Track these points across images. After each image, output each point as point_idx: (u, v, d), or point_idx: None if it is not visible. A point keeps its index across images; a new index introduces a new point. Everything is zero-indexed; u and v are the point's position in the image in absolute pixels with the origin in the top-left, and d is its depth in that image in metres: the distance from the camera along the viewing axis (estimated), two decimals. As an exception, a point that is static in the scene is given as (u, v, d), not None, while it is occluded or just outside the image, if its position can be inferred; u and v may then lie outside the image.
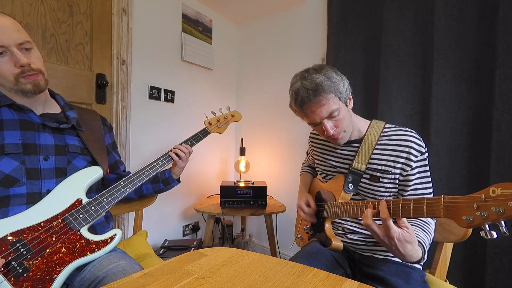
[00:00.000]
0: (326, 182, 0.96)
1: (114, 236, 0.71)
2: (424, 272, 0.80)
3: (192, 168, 1.82)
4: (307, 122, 0.82)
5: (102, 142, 0.88)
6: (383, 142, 0.81)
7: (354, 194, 0.86)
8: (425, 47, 1.25)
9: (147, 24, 1.53)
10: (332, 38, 1.57)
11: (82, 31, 1.28)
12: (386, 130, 0.83)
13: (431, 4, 1.21)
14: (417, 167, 0.78)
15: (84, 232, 0.69)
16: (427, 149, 0.80)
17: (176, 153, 0.98)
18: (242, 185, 1.60)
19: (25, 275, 0.59)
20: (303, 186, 1.08)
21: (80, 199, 0.72)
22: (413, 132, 0.80)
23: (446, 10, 1.19)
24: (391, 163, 0.79)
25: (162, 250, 1.47)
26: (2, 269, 0.57)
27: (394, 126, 0.84)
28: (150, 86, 1.55)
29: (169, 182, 1.01)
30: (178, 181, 1.04)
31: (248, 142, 2.05)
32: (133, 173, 0.85)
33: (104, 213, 0.74)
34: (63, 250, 0.64)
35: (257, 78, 2.08)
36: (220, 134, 1.14)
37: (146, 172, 0.87)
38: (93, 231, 0.73)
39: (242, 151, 1.86)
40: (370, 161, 0.82)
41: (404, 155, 0.77)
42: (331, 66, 0.80)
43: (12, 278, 0.57)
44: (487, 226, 0.48)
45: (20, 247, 0.60)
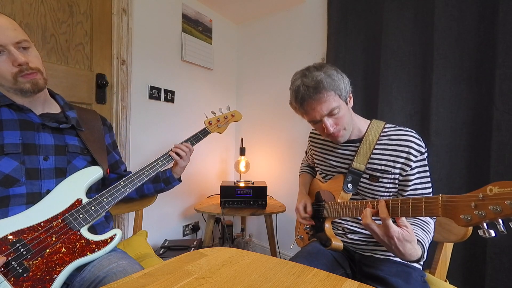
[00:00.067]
0: (326, 182, 0.96)
1: (114, 236, 0.71)
2: (424, 272, 0.80)
3: (192, 168, 1.82)
4: (307, 119, 0.82)
5: (102, 142, 0.88)
6: (383, 142, 0.81)
7: (353, 194, 0.86)
8: (425, 47, 1.25)
9: (147, 24, 1.53)
10: (332, 38, 1.57)
11: (82, 31, 1.28)
12: (386, 130, 0.83)
13: (431, 4, 1.21)
14: (416, 167, 0.77)
15: (84, 232, 0.69)
16: (427, 149, 0.80)
17: (176, 152, 0.98)
18: (242, 185, 1.60)
19: (25, 275, 0.59)
20: (303, 187, 1.08)
21: (80, 199, 0.72)
22: (412, 132, 0.80)
23: (446, 10, 1.19)
24: (391, 163, 0.79)
25: (162, 250, 1.47)
26: (2, 269, 0.57)
27: (394, 126, 0.84)
28: (150, 86, 1.56)
29: (170, 182, 1.01)
30: (179, 180, 1.04)
31: (248, 142, 2.05)
32: (133, 173, 0.85)
33: (104, 213, 0.74)
34: (63, 250, 0.64)
35: (257, 78, 2.07)
36: (220, 134, 1.14)
37: (146, 172, 0.86)
38: (93, 231, 0.73)
39: (242, 151, 1.86)
40: (369, 161, 0.82)
41: (403, 155, 0.77)
42: (332, 65, 0.80)
43: (12, 278, 0.57)
44: (485, 225, 0.48)
45: (20, 247, 0.60)
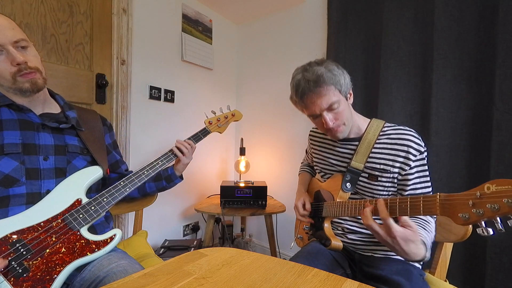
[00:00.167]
0: (325, 181, 0.96)
1: (114, 236, 0.71)
2: (423, 271, 0.80)
3: (192, 168, 1.82)
4: (307, 114, 0.83)
5: (102, 142, 0.88)
6: (382, 141, 0.81)
7: (352, 193, 0.85)
8: (425, 47, 1.25)
9: (147, 24, 1.53)
10: (332, 38, 1.57)
11: (82, 31, 1.28)
12: (385, 129, 0.83)
13: (431, 4, 1.21)
14: (416, 166, 0.77)
15: (84, 232, 0.69)
16: (427, 149, 0.80)
17: (179, 148, 0.97)
18: (242, 185, 1.60)
19: (25, 275, 0.59)
20: (302, 185, 1.08)
21: (80, 199, 0.71)
22: (412, 131, 0.80)
23: (446, 10, 1.19)
24: (390, 162, 0.79)
25: (162, 250, 1.47)
26: (2, 269, 0.57)
27: (393, 125, 0.84)
28: (150, 86, 1.55)
29: (172, 179, 1.01)
30: (181, 178, 1.03)
31: (248, 142, 2.05)
32: (133, 173, 0.85)
33: (104, 213, 0.74)
34: (63, 250, 0.64)
35: (257, 78, 2.07)
36: (220, 133, 1.14)
37: (146, 172, 0.86)
38: (93, 231, 0.73)
39: (242, 151, 1.86)
40: (368, 160, 0.82)
41: (403, 154, 0.77)
42: (333, 61, 0.81)
43: (12, 278, 0.57)
44: (484, 223, 0.48)
45: (20, 247, 0.60)
